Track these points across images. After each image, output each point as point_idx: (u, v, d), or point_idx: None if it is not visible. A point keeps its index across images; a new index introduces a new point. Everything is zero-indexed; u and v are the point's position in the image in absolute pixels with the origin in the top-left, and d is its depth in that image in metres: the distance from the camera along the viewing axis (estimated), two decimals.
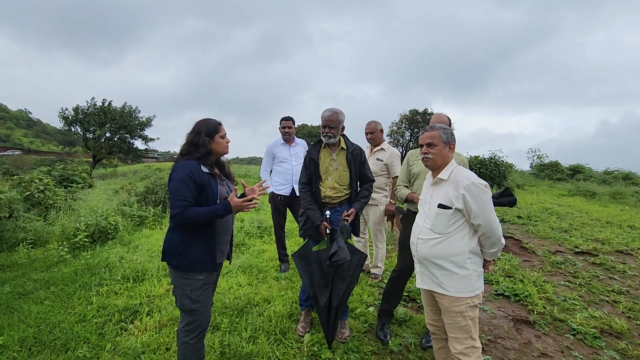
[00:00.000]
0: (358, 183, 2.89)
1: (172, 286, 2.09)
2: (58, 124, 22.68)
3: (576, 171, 18.58)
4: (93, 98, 21.49)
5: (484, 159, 13.29)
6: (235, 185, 2.38)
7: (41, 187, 5.99)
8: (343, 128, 2.86)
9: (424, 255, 2.04)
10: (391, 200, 3.79)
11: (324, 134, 2.79)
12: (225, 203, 1.97)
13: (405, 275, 2.80)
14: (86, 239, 4.65)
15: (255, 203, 2.07)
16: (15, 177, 6.28)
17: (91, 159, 23.32)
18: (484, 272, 2.05)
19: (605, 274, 4.45)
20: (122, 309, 3.12)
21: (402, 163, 3.21)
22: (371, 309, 3.26)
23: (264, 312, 3.08)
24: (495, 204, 2.71)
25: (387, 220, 3.94)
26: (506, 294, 3.71)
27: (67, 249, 4.33)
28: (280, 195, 4.10)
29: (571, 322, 3.15)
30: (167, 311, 3.06)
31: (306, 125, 44.83)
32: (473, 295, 1.95)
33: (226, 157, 2.29)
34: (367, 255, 2.74)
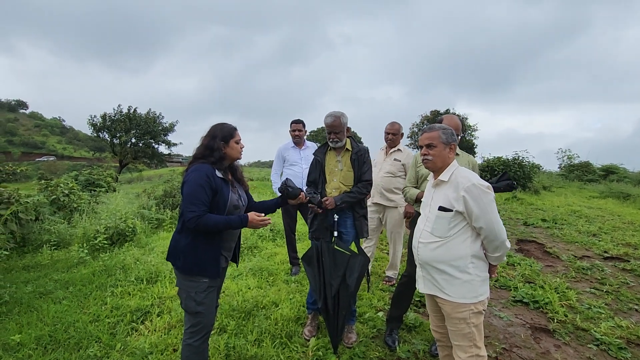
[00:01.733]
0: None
1: (178, 288, 2.11)
2: (88, 131, 23.76)
3: (609, 172, 17.59)
4: (119, 105, 22.41)
5: (507, 160, 12.83)
6: (246, 189, 2.38)
7: (66, 191, 6.25)
8: (348, 130, 2.83)
9: (425, 259, 1.98)
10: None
11: (331, 139, 2.78)
12: (243, 217, 1.99)
13: (414, 281, 2.72)
14: (105, 241, 4.81)
15: (269, 221, 2.09)
16: (43, 181, 6.59)
17: (118, 164, 24.27)
18: (490, 277, 1.96)
19: (636, 280, 4.18)
20: (134, 310, 3.19)
21: None
22: (380, 314, 3.19)
23: (271, 315, 3.07)
24: (495, 189, 2.61)
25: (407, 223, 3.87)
26: (525, 300, 3.54)
27: (87, 251, 4.49)
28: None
29: (595, 331, 2.97)
30: (177, 312, 3.11)
31: (324, 129, 44.88)
32: (477, 302, 1.86)
33: (246, 161, 2.29)
34: (369, 259, 2.68)
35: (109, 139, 22.72)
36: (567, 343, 2.83)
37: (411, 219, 3.91)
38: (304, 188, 3.98)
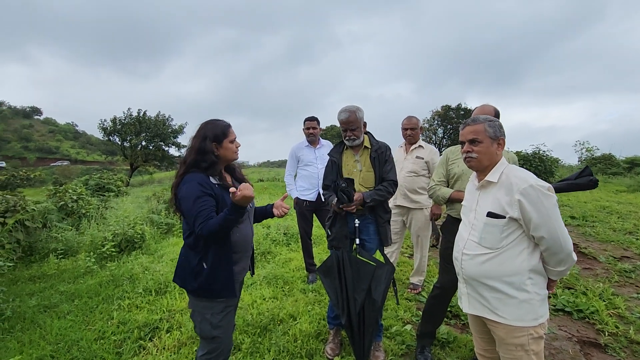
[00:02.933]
0: None
1: (190, 310, 1.86)
2: (100, 135, 23.94)
3: (634, 164, 16.81)
4: (129, 109, 22.53)
5: (527, 154, 12.32)
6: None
7: (75, 197, 6.10)
8: (365, 125, 2.55)
9: (471, 275, 1.68)
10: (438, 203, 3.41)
11: (347, 137, 2.50)
12: (231, 203, 1.63)
13: (449, 293, 2.42)
14: (113, 249, 4.62)
15: (249, 190, 1.61)
16: (52, 187, 6.46)
17: (129, 167, 24.40)
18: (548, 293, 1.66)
19: None
20: (142, 325, 2.96)
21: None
22: (409, 327, 2.90)
23: (289, 331, 2.80)
24: (572, 187, 2.28)
25: (433, 227, 3.59)
26: (567, 309, 3.20)
27: (94, 260, 4.30)
28: (306, 200, 3.83)
29: None
30: (187, 328, 2.87)
31: (335, 126, 44.53)
32: (537, 325, 1.57)
33: (255, 161, 2.02)
34: (394, 268, 2.39)
35: (119, 143, 22.87)
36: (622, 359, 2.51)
37: (439, 221, 3.62)
38: (321, 190, 3.71)
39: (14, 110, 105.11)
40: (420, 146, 3.60)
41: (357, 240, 2.50)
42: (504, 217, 1.56)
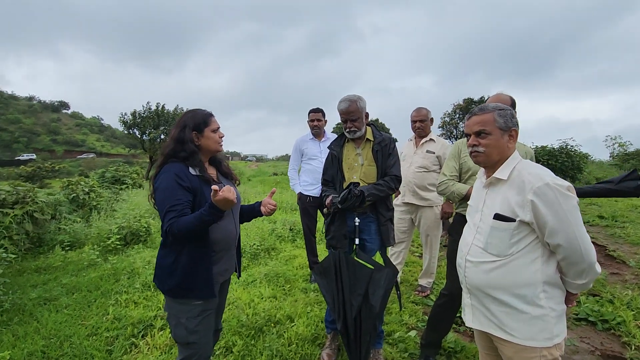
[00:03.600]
0: None
1: (166, 312, 1.74)
2: (120, 128, 24.51)
3: None
4: (148, 102, 22.94)
5: (553, 149, 11.66)
6: (237, 184, 1.99)
7: (86, 189, 6.16)
8: (367, 116, 2.35)
9: (475, 284, 1.48)
10: (450, 200, 3.17)
11: (347, 129, 2.32)
12: (209, 202, 1.51)
13: (457, 300, 2.21)
14: (118, 242, 4.60)
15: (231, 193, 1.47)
16: (65, 179, 6.55)
17: (149, 160, 24.90)
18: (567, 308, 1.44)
19: None
20: (136, 322, 2.88)
21: None
22: (413, 333, 2.70)
23: (285, 333, 2.66)
24: (611, 193, 2.00)
25: (443, 225, 3.37)
26: (591, 319, 2.92)
27: (98, 253, 4.29)
28: (309, 196, 3.66)
29: None
30: None
31: None
32: (551, 345, 1.35)
33: (274, 154, 1.88)
34: (397, 271, 2.20)
35: (139, 136, 23.35)
36: None
37: (448, 219, 3.37)
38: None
39: (44, 105, 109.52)
40: (431, 139, 3.36)
41: (357, 240, 2.33)
42: (514, 221, 1.34)
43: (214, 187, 1.43)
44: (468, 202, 1.68)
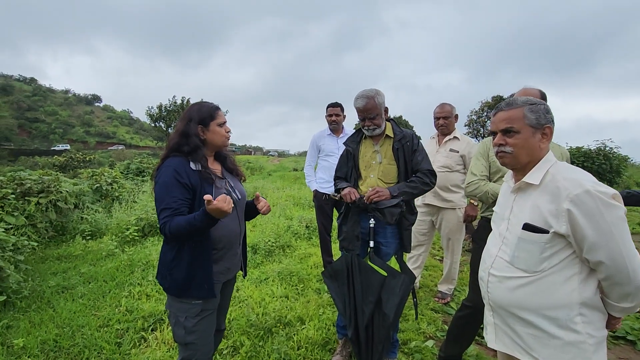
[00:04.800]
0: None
1: (167, 310, 1.69)
2: (147, 121, 25.21)
3: None
4: (174, 96, 23.45)
5: (590, 150, 10.96)
6: (243, 180, 1.90)
7: (109, 180, 6.29)
8: (387, 110, 2.19)
9: (499, 302, 1.31)
10: (472, 202, 2.98)
11: (365, 127, 2.16)
12: (202, 209, 1.42)
13: (480, 313, 2.02)
14: (136, 233, 4.66)
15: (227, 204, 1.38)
16: (90, 170, 6.73)
17: None
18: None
19: None
20: (147, 315, 2.86)
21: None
22: (430, 343, 2.54)
23: (295, 336, 2.56)
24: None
25: (467, 229, 3.18)
26: (630, 337, 2.67)
27: (116, 243, 4.34)
28: (326, 194, 3.54)
29: None
30: None
31: None
32: None
33: (296, 150, 1.80)
34: (414, 277, 2.05)
35: (165, 129, 23.96)
36: None
37: (472, 223, 3.17)
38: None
39: (78, 98, 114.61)
40: (455, 138, 3.15)
41: (372, 243, 2.18)
42: (547, 232, 1.17)
43: (206, 196, 1.33)
44: (494, 208, 1.51)
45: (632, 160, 15.51)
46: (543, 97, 1.96)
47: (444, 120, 3.13)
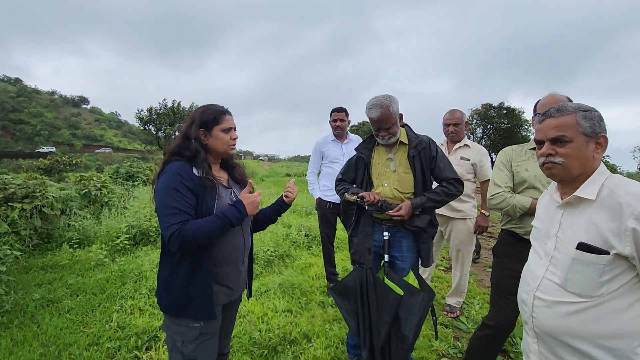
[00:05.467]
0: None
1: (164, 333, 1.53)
2: (137, 124, 24.77)
3: None
4: (164, 99, 23.10)
5: None
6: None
7: (98, 185, 6.04)
8: (401, 117, 2.07)
9: (547, 329, 1.19)
10: (483, 212, 2.86)
11: (381, 137, 2.04)
12: (237, 201, 1.43)
13: (503, 334, 1.91)
14: (127, 242, 4.43)
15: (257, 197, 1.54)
16: (78, 174, 6.46)
17: (163, 156, 25.11)
18: None
19: None
20: (140, 332, 2.67)
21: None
22: None
23: (301, 355, 2.40)
24: None
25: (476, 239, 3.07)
26: None
27: (105, 252, 4.12)
28: (329, 202, 3.40)
29: None
30: None
31: (367, 122, 43.70)
32: None
33: (286, 155, 1.69)
34: (433, 294, 1.92)
35: (154, 132, 23.56)
36: None
37: (482, 234, 3.07)
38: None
39: (65, 99, 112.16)
40: (466, 145, 3.05)
41: (386, 257, 2.05)
42: (607, 253, 1.06)
43: (249, 185, 1.47)
44: (532, 223, 1.39)
45: (620, 169, 15.80)
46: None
47: (454, 127, 3.03)
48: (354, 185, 2.19)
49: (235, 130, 1.56)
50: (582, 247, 1.11)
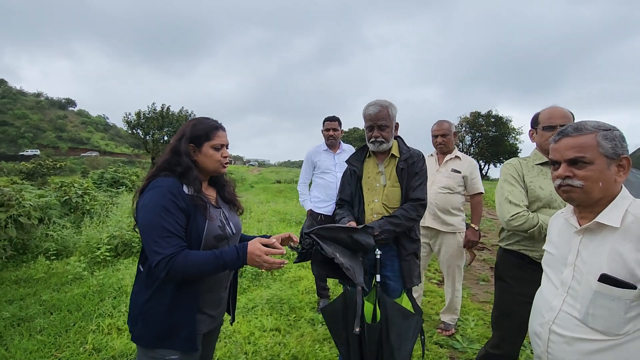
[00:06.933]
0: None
1: None
2: (124, 128, 24.33)
3: None
4: (153, 103, 22.79)
5: None
6: (240, 213, 1.63)
7: (80, 192, 5.80)
8: (397, 126, 2.01)
9: None
10: (473, 226, 2.78)
11: (372, 139, 1.97)
12: (241, 246, 1.27)
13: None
14: (108, 253, 4.22)
15: (283, 263, 1.30)
16: (58, 180, 6.21)
17: (151, 161, 24.68)
18: None
19: None
20: (118, 355, 2.50)
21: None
22: None
23: None
24: None
25: (468, 254, 2.99)
26: None
27: (84, 265, 3.91)
28: (321, 214, 3.28)
29: None
30: None
31: (358, 129, 43.85)
32: None
33: (276, 160, 1.56)
34: (422, 312, 1.83)
35: (142, 136, 23.14)
36: None
37: (472, 249, 2.99)
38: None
39: (51, 101, 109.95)
40: (456, 157, 2.97)
41: (378, 277, 1.94)
42: (634, 288, 0.96)
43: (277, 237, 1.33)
44: (545, 248, 1.29)
45: None
46: (573, 117, 1.79)
47: (442, 139, 2.96)
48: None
49: (227, 147, 1.44)
50: (605, 279, 1.01)
